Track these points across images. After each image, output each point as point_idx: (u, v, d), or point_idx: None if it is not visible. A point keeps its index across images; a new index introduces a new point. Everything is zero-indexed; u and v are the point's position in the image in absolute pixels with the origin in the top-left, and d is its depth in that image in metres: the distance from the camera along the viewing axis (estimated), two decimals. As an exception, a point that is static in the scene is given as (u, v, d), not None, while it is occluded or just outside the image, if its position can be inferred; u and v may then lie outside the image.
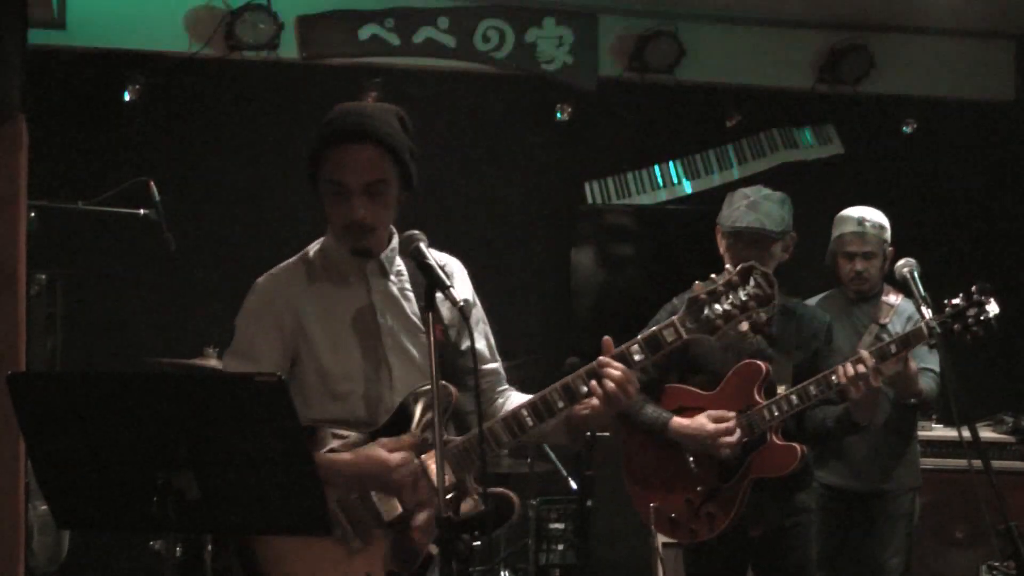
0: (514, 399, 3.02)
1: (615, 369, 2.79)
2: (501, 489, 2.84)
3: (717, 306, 2.83)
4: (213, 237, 6.38)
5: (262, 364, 2.84)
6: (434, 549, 2.76)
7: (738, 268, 2.84)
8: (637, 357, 2.83)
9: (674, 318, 2.86)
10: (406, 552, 2.77)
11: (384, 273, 2.95)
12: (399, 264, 2.95)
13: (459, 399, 2.83)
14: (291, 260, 3.00)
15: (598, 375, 2.79)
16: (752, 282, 2.82)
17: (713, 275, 2.88)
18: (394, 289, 2.95)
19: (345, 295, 2.91)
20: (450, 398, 2.80)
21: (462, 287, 3.01)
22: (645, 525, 4.04)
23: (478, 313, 3.07)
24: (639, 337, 2.86)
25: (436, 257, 2.90)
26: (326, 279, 2.93)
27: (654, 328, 2.87)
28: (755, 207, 3.90)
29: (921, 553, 5.24)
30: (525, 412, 2.81)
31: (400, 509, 2.78)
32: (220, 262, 6.35)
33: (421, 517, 2.77)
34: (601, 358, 2.81)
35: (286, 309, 2.88)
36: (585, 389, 2.81)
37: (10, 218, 4.22)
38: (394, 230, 2.98)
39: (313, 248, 3.01)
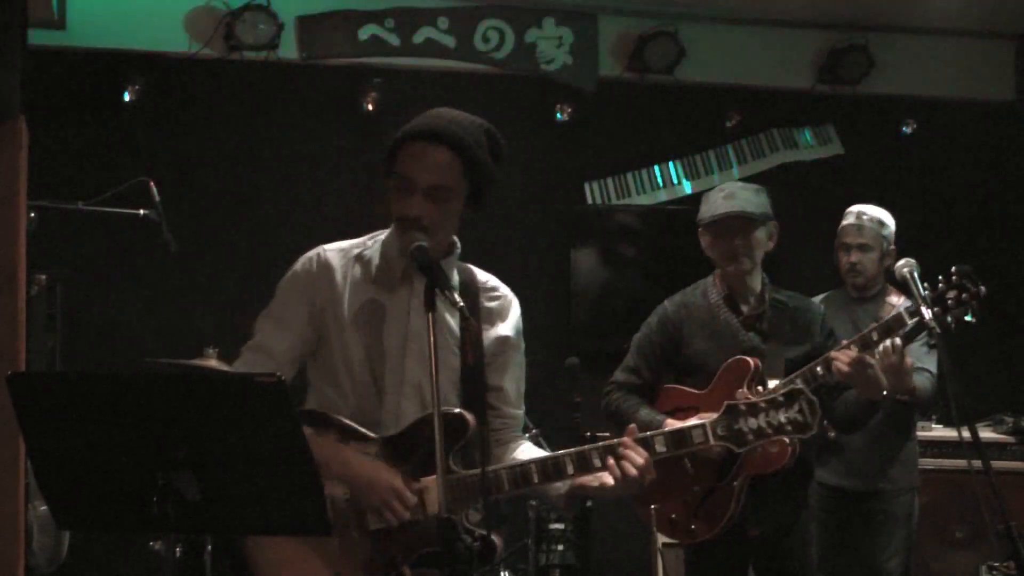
0: (525, 450, 2.98)
1: (638, 455, 2.75)
2: (487, 532, 2.80)
3: (753, 420, 2.79)
4: (213, 237, 6.38)
5: (288, 331, 2.87)
6: (408, 572, 2.76)
7: (787, 390, 2.79)
8: (659, 448, 2.80)
9: (706, 422, 2.84)
10: (382, 564, 2.77)
11: None
12: (453, 278, 2.91)
13: (474, 432, 2.80)
14: (351, 242, 2.98)
15: (618, 455, 2.75)
16: (796, 407, 2.76)
17: (759, 387, 2.85)
18: (438, 301, 2.93)
19: (388, 297, 2.90)
20: (466, 426, 2.78)
21: (509, 323, 2.99)
22: (646, 526, 4.05)
23: (518, 357, 3.04)
24: (667, 430, 2.85)
25: (485, 279, 2.96)
26: (374, 275, 2.91)
27: (684, 425, 2.86)
28: (732, 196, 3.94)
29: (921, 553, 5.24)
30: (534, 468, 2.79)
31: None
32: (220, 262, 6.36)
33: (404, 536, 2.76)
34: (625, 439, 2.78)
35: (325, 286, 2.88)
36: (599, 463, 2.77)
37: (10, 218, 4.22)
38: (457, 242, 2.95)
39: (375, 238, 2.98)
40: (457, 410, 2.81)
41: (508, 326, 2.99)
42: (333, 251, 2.95)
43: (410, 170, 2.79)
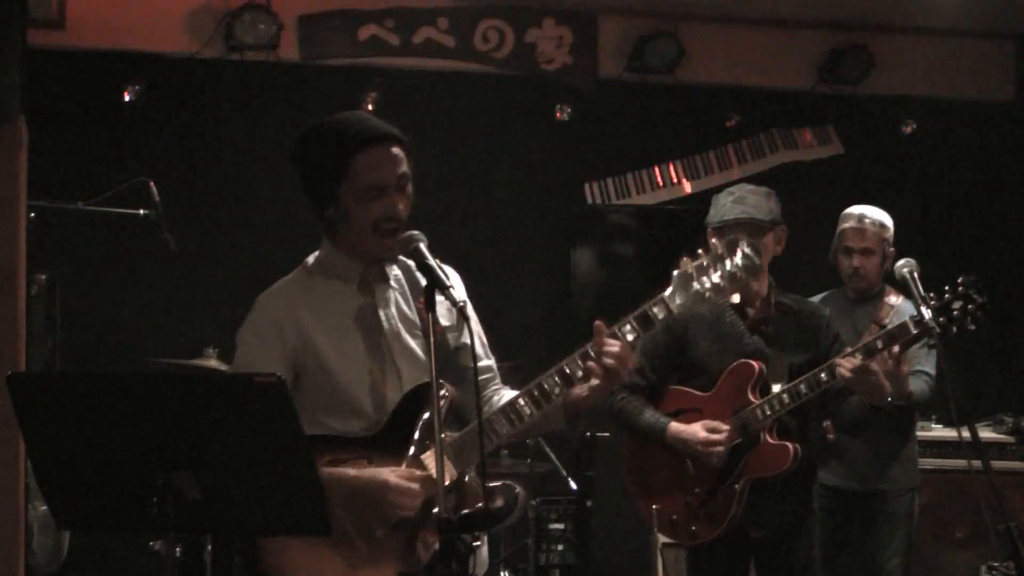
0: (507, 396, 3.00)
1: (611, 345, 2.78)
2: (505, 481, 2.82)
3: (705, 279, 2.81)
4: (213, 237, 6.38)
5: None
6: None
7: (724, 240, 2.81)
8: (630, 337, 2.82)
9: (663, 295, 2.85)
10: (414, 552, 2.76)
11: (384, 277, 2.95)
12: (395, 267, 2.96)
13: (457, 395, 2.83)
14: (289, 275, 2.99)
15: (597, 354, 2.78)
16: (739, 253, 2.78)
17: (699, 250, 2.84)
18: (395, 292, 2.95)
19: (348, 302, 2.91)
20: (446, 396, 2.80)
21: (458, 290, 3.01)
22: (647, 526, 4.05)
23: (469, 312, 3.07)
24: (629, 316, 2.85)
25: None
26: (327, 288, 2.92)
27: (643, 306, 2.85)
28: (741, 201, 3.93)
29: (921, 553, 5.24)
30: (523, 401, 2.80)
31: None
32: (220, 262, 6.36)
33: (425, 516, 2.75)
34: (595, 338, 2.81)
35: (288, 324, 2.86)
36: (580, 372, 2.79)
37: (10, 218, 4.22)
38: None
39: (311, 259, 3.00)
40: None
41: (458, 293, 2.99)
42: (280, 287, 2.95)
43: (380, 174, 2.82)
